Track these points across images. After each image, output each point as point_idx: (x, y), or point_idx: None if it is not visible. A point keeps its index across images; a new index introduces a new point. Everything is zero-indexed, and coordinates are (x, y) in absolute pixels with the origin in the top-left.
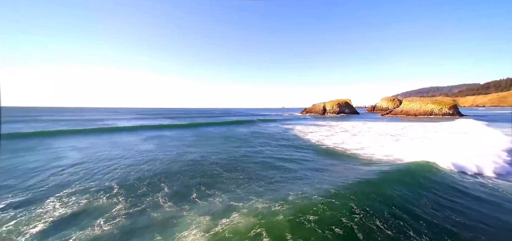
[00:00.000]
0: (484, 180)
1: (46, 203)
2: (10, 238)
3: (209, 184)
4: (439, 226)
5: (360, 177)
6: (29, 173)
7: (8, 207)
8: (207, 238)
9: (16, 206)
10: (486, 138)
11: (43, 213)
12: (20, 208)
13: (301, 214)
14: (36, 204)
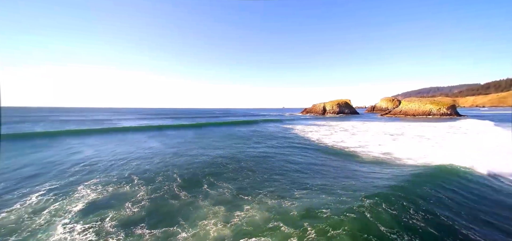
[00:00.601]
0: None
1: (79, 189)
2: (60, 214)
3: (218, 178)
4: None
5: (368, 176)
6: (55, 166)
7: (49, 192)
8: (229, 229)
9: (55, 191)
10: (501, 139)
11: (79, 197)
12: (59, 193)
13: (309, 206)
14: (71, 190)
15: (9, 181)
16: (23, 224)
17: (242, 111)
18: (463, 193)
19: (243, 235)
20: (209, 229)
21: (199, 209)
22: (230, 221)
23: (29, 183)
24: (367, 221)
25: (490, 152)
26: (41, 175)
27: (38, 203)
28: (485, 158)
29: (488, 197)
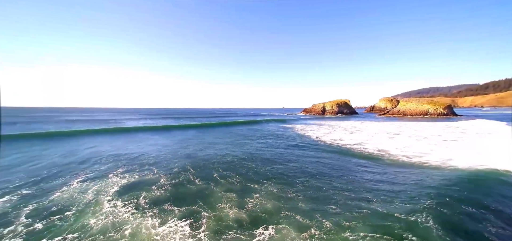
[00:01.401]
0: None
1: (110, 177)
2: (102, 194)
3: (226, 170)
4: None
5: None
6: (80, 160)
7: (86, 179)
8: (245, 214)
9: (91, 178)
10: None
11: (113, 182)
12: (94, 179)
13: (315, 197)
14: (103, 177)
15: (47, 172)
16: (76, 200)
17: (242, 112)
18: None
19: (260, 221)
20: (226, 212)
21: (214, 194)
22: (244, 207)
23: (65, 173)
24: (373, 210)
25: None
26: (72, 167)
27: (80, 186)
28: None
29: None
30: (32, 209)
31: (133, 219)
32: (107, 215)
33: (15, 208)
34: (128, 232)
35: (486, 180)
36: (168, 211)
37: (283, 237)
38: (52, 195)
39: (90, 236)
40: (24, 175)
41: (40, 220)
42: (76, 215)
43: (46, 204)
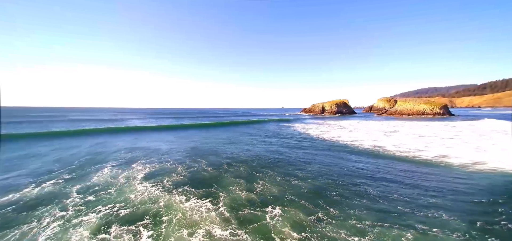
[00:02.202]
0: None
1: (134, 166)
2: (131, 179)
3: (233, 162)
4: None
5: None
6: (102, 154)
7: (114, 167)
8: (255, 195)
9: (117, 167)
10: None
11: (138, 170)
12: (121, 167)
13: (312, 182)
14: (128, 166)
15: (77, 163)
16: (112, 182)
17: (242, 112)
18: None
19: (269, 202)
20: (239, 194)
21: (225, 180)
22: (253, 190)
23: (93, 163)
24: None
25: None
26: (97, 159)
27: (111, 173)
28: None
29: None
30: (79, 188)
31: (163, 195)
32: (142, 192)
33: (65, 188)
34: (162, 204)
35: (474, 175)
36: (189, 191)
37: (292, 217)
38: (90, 179)
39: (134, 206)
40: (58, 165)
41: (89, 195)
42: (118, 192)
43: (89, 185)
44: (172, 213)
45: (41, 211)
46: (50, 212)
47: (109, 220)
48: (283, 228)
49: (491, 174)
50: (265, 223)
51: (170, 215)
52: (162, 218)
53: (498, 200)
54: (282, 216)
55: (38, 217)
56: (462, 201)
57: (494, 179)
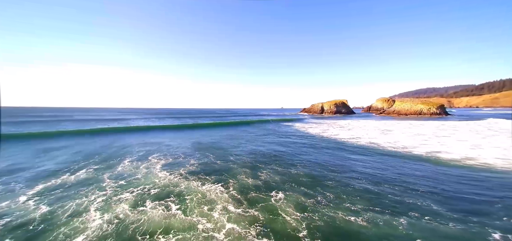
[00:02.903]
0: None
1: (151, 159)
2: (151, 168)
3: (239, 155)
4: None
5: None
6: (118, 150)
7: (133, 160)
8: (260, 182)
9: (136, 160)
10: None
11: (155, 162)
12: (139, 160)
13: (310, 173)
14: (146, 160)
15: (98, 157)
16: (136, 171)
17: (242, 112)
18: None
19: (272, 188)
20: (246, 180)
21: (233, 170)
22: (258, 178)
23: (113, 157)
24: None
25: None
26: (116, 153)
27: (132, 164)
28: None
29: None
30: (109, 175)
31: (182, 181)
32: (164, 178)
33: (97, 175)
34: (183, 187)
35: (462, 169)
36: (203, 178)
37: (294, 199)
38: (116, 169)
39: (160, 187)
40: (82, 158)
41: (120, 180)
42: (144, 177)
43: (117, 173)
44: (193, 193)
45: (85, 191)
46: (92, 192)
47: (143, 197)
48: (287, 208)
49: (479, 169)
50: (271, 203)
51: (191, 194)
52: (185, 197)
53: (482, 193)
54: (285, 199)
55: (84, 195)
56: (448, 193)
57: (482, 174)
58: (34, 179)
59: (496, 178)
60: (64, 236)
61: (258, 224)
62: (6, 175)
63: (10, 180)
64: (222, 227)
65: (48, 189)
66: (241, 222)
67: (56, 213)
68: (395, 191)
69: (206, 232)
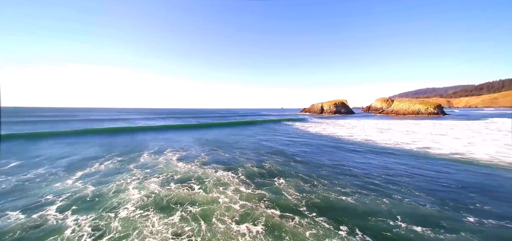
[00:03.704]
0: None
1: (167, 153)
2: (169, 160)
3: (244, 149)
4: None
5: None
6: (136, 145)
7: (151, 154)
8: (263, 170)
9: (153, 154)
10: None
11: (172, 156)
12: (156, 153)
13: (308, 163)
14: (162, 153)
15: (118, 151)
16: (156, 162)
17: (242, 112)
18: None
19: (275, 175)
20: (252, 169)
21: (240, 161)
22: (262, 167)
23: (132, 152)
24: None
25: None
26: (132, 149)
27: (150, 157)
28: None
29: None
30: (134, 165)
31: (198, 169)
32: (182, 167)
33: (123, 165)
34: (200, 173)
35: (448, 162)
36: (215, 167)
37: (294, 183)
38: (138, 160)
39: (181, 174)
40: (103, 153)
41: (145, 169)
42: (165, 167)
43: (140, 164)
44: (208, 178)
45: (118, 176)
46: (125, 176)
47: (168, 180)
48: (288, 189)
49: (464, 163)
50: (275, 186)
51: (208, 179)
52: (203, 180)
53: (462, 182)
54: (287, 183)
55: (119, 178)
56: (430, 181)
57: (464, 167)
58: (71, 168)
59: (478, 170)
60: (117, 203)
61: (265, 200)
62: (45, 165)
63: (51, 168)
64: (237, 201)
65: (86, 175)
66: (251, 199)
67: (102, 190)
68: (382, 178)
69: (225, 204)
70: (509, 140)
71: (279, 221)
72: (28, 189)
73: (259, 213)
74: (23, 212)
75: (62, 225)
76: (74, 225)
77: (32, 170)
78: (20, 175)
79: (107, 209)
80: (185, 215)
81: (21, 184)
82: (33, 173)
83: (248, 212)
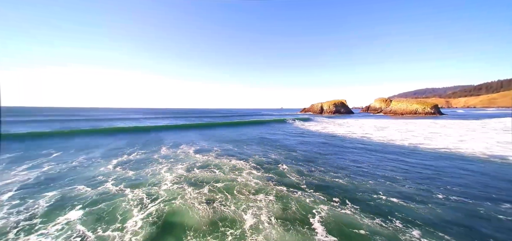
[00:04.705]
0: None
1: (182, 147)
2: (186, 153)
3: (251, 144)
4: None
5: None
6: (152, 142)
7: (170, 147)
8: (270, 159)
9: (171, 148)
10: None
11: (187, 149)
12: (174, 146)
13: (307, 156)
14: (179, 147)
15: (139, 146)
16: (177, 154)
17: (243, 111)
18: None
19: (280, 162)
20: (260, 158)
21: (248, 153)
22: (268, 157)
23: (150, 146)
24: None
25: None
26: (150, 144)
27: (170, 150)
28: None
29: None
30: (158, 156)
31: (214, 159)
32: (200, 158)
33: (148, 156)
34: (217, 162)
35: (432, 154)
36: (229, 157)
37: (295, 168)
38: (160, 153)
39: (200, 162)
40: (125, 147)
41: (168, 159)
42: (185, 157)
43: (163, 155)
44: (225, 165)
45: (149, 164)
46: (154, 164)
47: (191, 167)
48: (291, 173)
49: (447, 156)
50: (280, 170)
51: (224, 166)
52: (221, 167)
53: (439, 170)
54: (289, 168)
55: (150, 166)
56: (412, 168)
57: (446, 158)
58: (105, 158)
59: (457, 161)
60: (157, 181)
61: (273, 180)
62: (81, 155)
63: (89, 158)
64: (251, 180)
65: (121, 163)
66: (261, 179)
67: (141, 174)
68: (371, 166)
69: (242, 182)
70: (501, 138)
71: (286, 193)
72: (80, 172)
73: (270, 188)
74: (87, 186)
75: (122, 193)
76: (130, 193)
77: (73, 159)
78: (68, 162)
79: (151, 185)
80: (212, 189)
81: (73, 168)
82: (76, 161)
83: (261, 187)
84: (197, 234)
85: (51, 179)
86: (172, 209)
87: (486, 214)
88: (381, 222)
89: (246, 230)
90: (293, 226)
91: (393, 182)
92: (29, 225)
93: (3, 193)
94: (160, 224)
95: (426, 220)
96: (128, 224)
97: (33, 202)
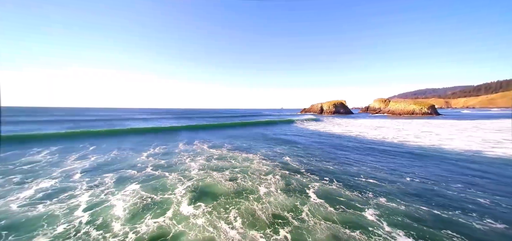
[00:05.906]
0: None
1: (196, 144)
2: (202, 148)
3: (257, 141)
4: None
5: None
6: (166, 140)
7: (186, 144)
8: (275, 153)
9: (187, 143)
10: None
11: (201, 145)
12: (189, 143)
13: (306, 151)
14: (193, 144)
15: (156, 144)
16: (192, 149)
17: (243, 112)
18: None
19: (284, 155)
20: (267, 152)
21: (256, 148)
22: (273, 151)
23: (168, 141)
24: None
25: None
26: (167, 141)
27: (185, 146)
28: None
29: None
30: (178, 151)
31: (228, 152)
32: (214, 152)
33: (170, 150)
34: (230, 155)
35: (419, 149)
36: (239, 150)
37: (296, 160)
38: (179, 148)
39: (215, 155)
40: (144, 144)
41: (188, 152)
42: (201, 151)
43: (181, 150)
44: (238, 157)
45: (173, 156)
46: (178, 156)
47: (210, 158)
48: (293, 162)
49: (428, 149)
50: (284, 161)
51: (237, 158)
52: (235, 157)
53: (417, 161)
54: (291, 159)
55: (174, 157)
56: (394, 160)
57: (428, 153)
58: (136, 151)
59: (435, 155)
60: (186, 168)
61: (278, 166)
62: (114, 150)
63: (122, 151)
64: (261, 167)
65: (151, 155)
66: (270, 166)
67: (171, 162)
68: (358, 157)
69: (254, 167)
70: (489, 136)
71: (289, 175)
72: (121, 160)
73: (276, 171)
74: (133, 170)
75: (164, 175)
76: (169, 175)
77: (109, 152)
78: (107, 154)
79: (182, 170)
80: (232, 172)
81: (114, 158)
82: (113, 154)
83: (270, 170)
84: (227, 197)
85: (103, 165)
86: (205, 184)
87: (438, 190)
88: (357, 193)
89: (261, 196)
90: (294, 194)
91: (372, 168)
92: (110, 191)
93: (73, 175)
94: (199, 191)
95: (391, 193)
96: (176, 191)
97: (101, 179)
